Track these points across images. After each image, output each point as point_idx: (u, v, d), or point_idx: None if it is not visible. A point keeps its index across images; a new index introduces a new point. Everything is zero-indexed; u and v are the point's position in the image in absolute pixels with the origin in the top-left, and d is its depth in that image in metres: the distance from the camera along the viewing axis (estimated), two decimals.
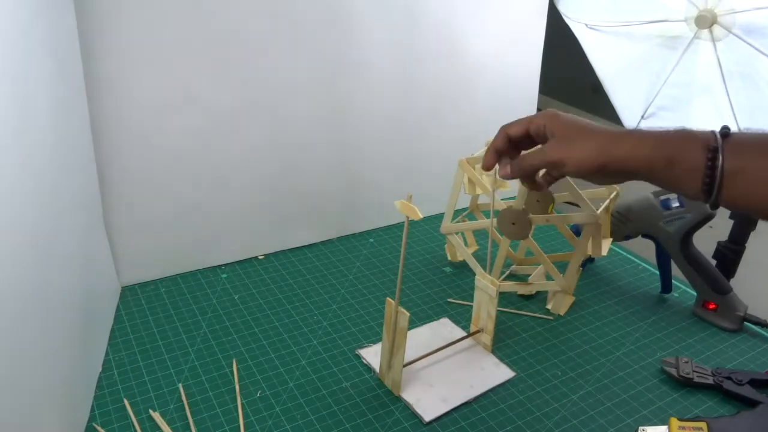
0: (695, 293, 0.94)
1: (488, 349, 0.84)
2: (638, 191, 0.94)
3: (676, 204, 0.91)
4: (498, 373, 0.81)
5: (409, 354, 0.78)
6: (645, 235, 0.95)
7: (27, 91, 0.60)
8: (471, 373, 0.80)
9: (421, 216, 0.66)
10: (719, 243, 1.09)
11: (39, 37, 0.64)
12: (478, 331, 0.85)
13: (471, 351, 0.85)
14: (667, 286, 0.97)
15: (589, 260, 1.05)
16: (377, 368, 0.79)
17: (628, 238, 0.97)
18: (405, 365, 0.76)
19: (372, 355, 0.82)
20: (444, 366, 0.81)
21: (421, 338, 0.86)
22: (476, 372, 0.81)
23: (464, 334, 0.86)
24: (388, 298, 0.73)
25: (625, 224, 0.96)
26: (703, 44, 0.90)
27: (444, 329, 0.89)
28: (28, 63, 0.61)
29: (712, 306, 0.92)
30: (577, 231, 0.98)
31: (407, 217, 0.68)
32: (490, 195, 0.84)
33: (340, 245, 1.09)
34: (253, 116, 0.95)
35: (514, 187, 0.90)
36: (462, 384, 0.78)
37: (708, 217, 0.88)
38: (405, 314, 0.71)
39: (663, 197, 0.92)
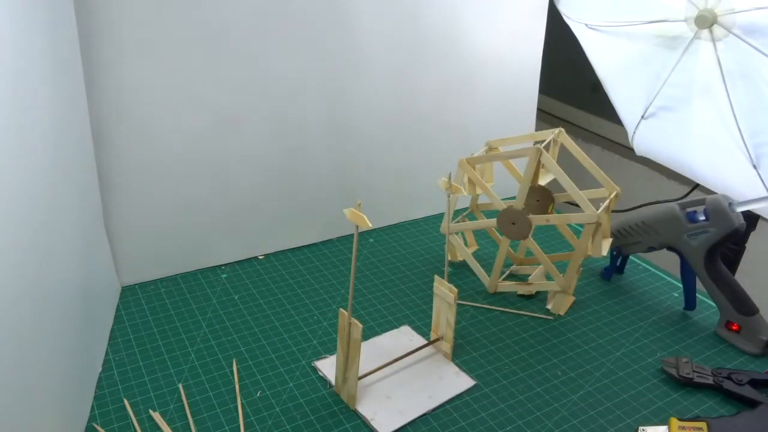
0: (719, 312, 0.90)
1: (448, 358, 0.83)
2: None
3: (702, 217, 0.87)
4: (458, 382, 0.79)
5: (369, 364, 0.77)
6: (669, 248, 0.92)
7: (27, 92, 0.60)
8: (429, 383, 0.78)
9: (371, 225, 0.63)
10: None
11: (39, 37, 0.64)
12: (437, 339, 0.84)
13: (431, 360, 0.83)
14: (690, 302, 0.94)
15: (618, 270, 1.03)
16: (333, 380, 0.77)
17: (651, 249, 0.95)
18: (361, 377, 0.74)
19: (328, 367, 0.79)
20: (402, 376, 0.79)
21: (380, 347, 0.84)
22: (435, 382, 0.79)
23: (424, 342, 0.85)
24: (341, 309, 0.70)
25: (648, 235, 0.93)
26: (703, 44, 0.90)
27: (404, 337, 0.87)
28: (28, 63, 0.61)
29: (734, 327, 0.87)
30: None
31: (356, 227, 0.66)
32: (448, 200, 0.81)
33: (340, 245, 1.09)
34: (253, 116, 0.95)
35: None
36: (420, 395, 0.76)
37: (734, 233, 0.85)
38: (358, 326, 0.69)
39: (690, 209, 0.89)
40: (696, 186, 1.15)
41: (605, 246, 0.91)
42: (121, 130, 0.86)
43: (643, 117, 1.05)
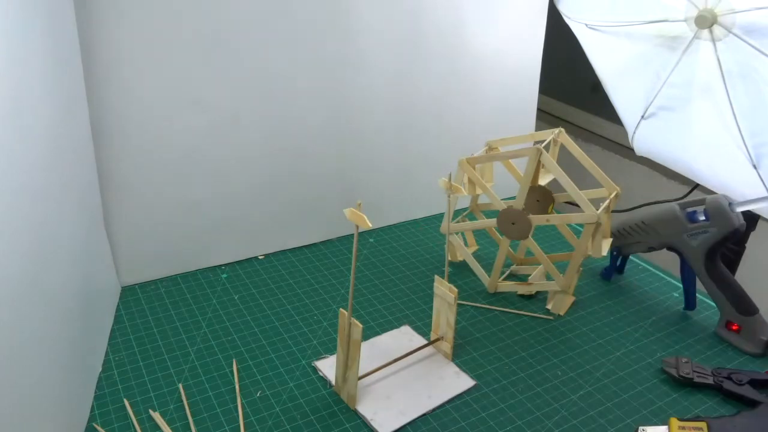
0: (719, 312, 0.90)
1: (448, 358, 0.83)
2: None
3: (702, 217, 0.87)
4: (458, 382, 0.79)
5: (369, 364, 0.77)
6: (670, 248, 0.92)
7: (27, 92, 0.60)
8: (430, 383, 0.78)
9: (371, 225, 0.63)
10: None
11: (39, 38, 0.64)
12: (438, 339, 0.84)
13: (431, 360, 0.82)
14: (690, 302, 0.94)
15: (618, 270, 1.04)
16: (333, 380, 0.77)
17: (651, 249, 0.95)
18: (361, 377, 0.74)
19: (328, 367, 0.79)
20: (403, 376, 0.79)
21: (380, 347, 0.84)
22: (435, 382, 0.79)
23: (424, 342, 0.85)
24: (341, 309, 0.70)
25: (648, 235, 0.93)
26: (703, 44, 0.90)
27: (404, 337, 0.87)
28: (28, 65, 0.61)
29: (734, 327, 0.88)
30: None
31: (356, 227, 0.66)
32: (448, 199, 0.80)
33: (340, 245, 1.09)
34: (253, 116, 0.95)
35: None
36: (420, 395, 0.76)
37: (734, 233, 0.85)
38: (358, 326, 0.69)
39: (690, 209, 0.89)
40: (696, 186, 1.15)
41: (605, 246, 0.91)
42: (121, 131, 0.86)
43: (643, 117, 1.05)
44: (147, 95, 0.86)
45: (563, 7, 1.13)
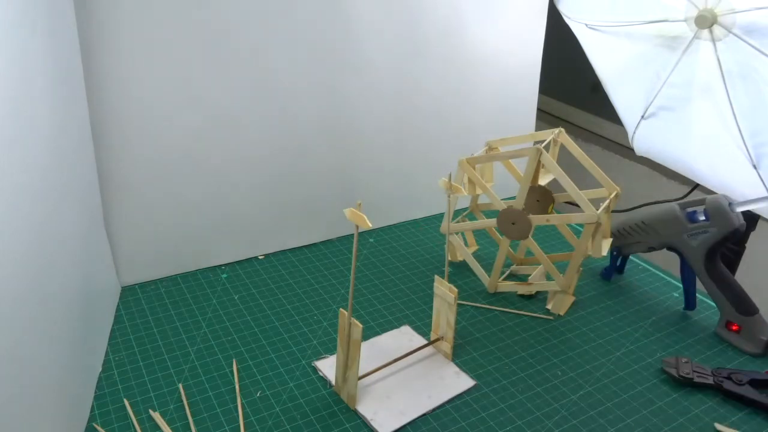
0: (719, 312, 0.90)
1: (448, 358, 0.83)
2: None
3: (702, 217, 0.87)
4: (458, 382, 0.79)
5: (369, 364, 0.77)
6: (669, 248, 0.92)
7: (28, 93, 0.60)
8: (430, 383, 0.78)
9: (371, 225, 0.63)
10: None
11: (39, 38, 0.64)
12: (438, 340, 0.84)
13: (431, 360, 0.83)
14: (690, 302, 0.94)
15: (618, 270, 1.04)
16: (333, 380, 0.77)
17: (651, 249, 0.95)
18: (361, 377, 0.74)
19: (328, 367, 0.80)
20: (403, 376, 0.79)
21: (380, 347, 0.84)
22: (435, 382, 0.79)
23: (424, 342, 0.85)
24: (341, 309, 0.70)
25: (648, 235, 0.93)
26: (703, 44, 0.90)
27: (404, 337, 0.87)
28: (28, 65, 0.61)
29: (735, 327, 0.88)
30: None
31: (356, 227, 0.66)
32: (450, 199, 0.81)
33: (340, 245, 1.09)
34: (253, 116, 0.95)
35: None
36: (421, 395, 0.76)
37: (734, 233, 0.85)
38: (358, 326, 0.69)
39: (690, 209, 0.89)
40: (696, 186, 1.15)
41: (605, 246, 0.91)
42: (121, 131, 0.86)
43: (643, 117, 1.05)
44: (147, 95, 0.86)
45: (563, 7, 1.13)
